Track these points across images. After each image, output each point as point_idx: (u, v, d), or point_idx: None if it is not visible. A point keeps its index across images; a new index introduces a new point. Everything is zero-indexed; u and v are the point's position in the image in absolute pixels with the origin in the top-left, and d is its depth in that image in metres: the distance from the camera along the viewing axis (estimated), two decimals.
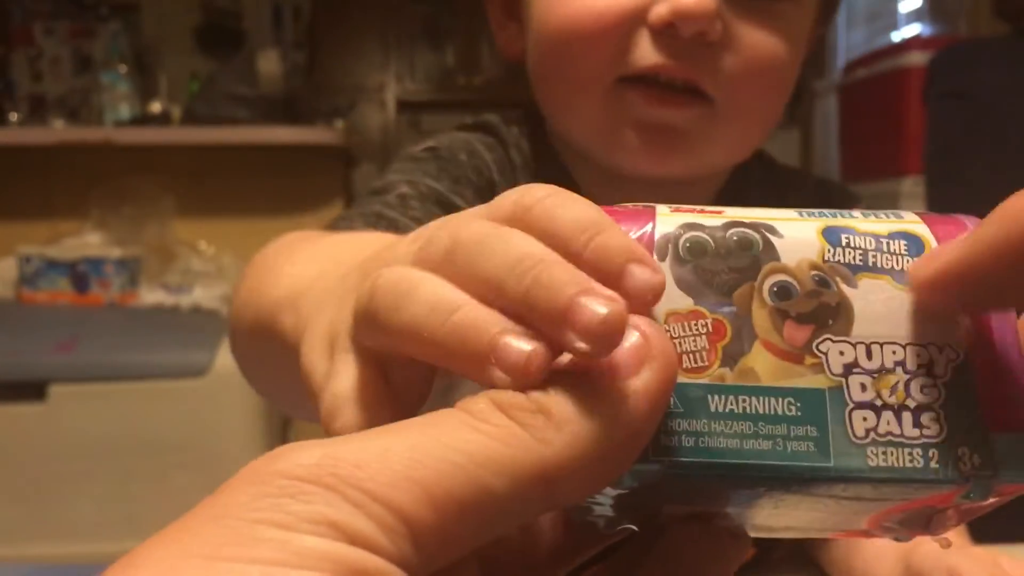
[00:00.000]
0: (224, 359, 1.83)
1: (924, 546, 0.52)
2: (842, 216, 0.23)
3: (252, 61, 2.40)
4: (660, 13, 0.52)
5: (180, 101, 2.60)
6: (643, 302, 0.20)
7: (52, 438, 1.80)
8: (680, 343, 0.21)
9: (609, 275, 0.20)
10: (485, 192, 0.61)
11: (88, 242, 2.20)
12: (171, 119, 2.50)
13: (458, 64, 4.99)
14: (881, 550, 0.56)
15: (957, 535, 0.57)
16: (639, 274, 0.20)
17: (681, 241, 0.23)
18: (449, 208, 0.58)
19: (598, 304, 0.19)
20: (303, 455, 0.17)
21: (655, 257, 0.22)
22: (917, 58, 2.22)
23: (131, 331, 1.97)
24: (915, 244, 0.22)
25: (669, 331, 0.21)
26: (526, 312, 0.20)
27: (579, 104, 0.57)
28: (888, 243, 0.22)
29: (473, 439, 0.17)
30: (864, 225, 0.23)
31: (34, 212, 2.33)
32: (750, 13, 0.55)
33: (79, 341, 1.86)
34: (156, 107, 2.52)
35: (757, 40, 0.55)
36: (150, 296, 2.14)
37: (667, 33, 0.52)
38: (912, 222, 0.23)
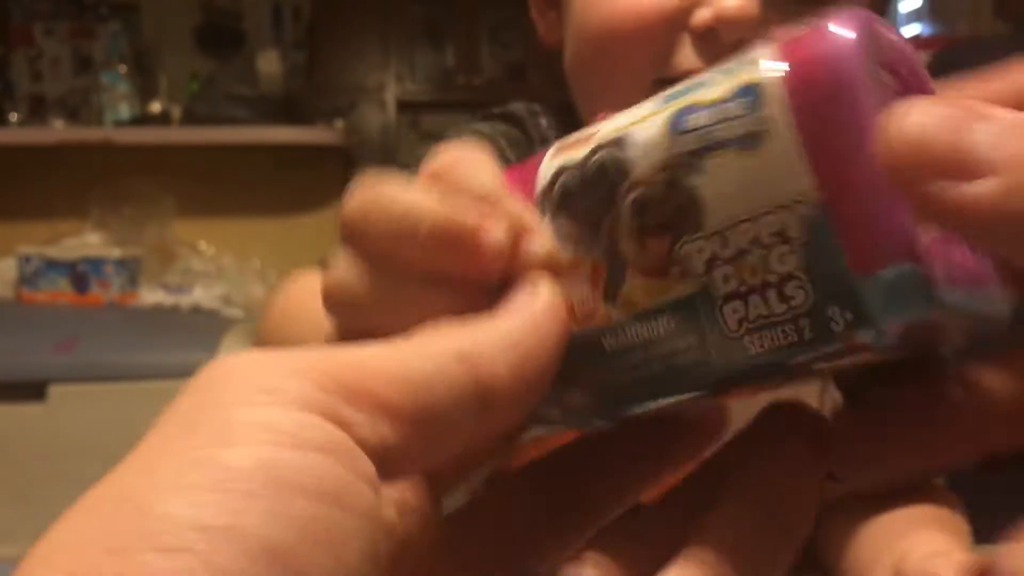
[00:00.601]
0: None
1: (914, 553, 0.52)
2: (692, 91, 0.21)
3: (252, 61, 2.40)
4: (703, 17, 0.51)
5: (180, 101, 2.60)
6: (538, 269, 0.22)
7: (52, 438, 1.80)
8: (571, 295, 0.21)
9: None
10: None
11: (88, 242, 2.20)
12: (171, 119, 2.50)
13: (458, 64, 4.99)
14: (877, 555, 0.56)
15: (951, 539, 0.57)
16: (528, 247, 0.22)
17: (554, 192, 0.22)
18: None
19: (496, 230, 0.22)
20: (242, 354, 0.18)
21: (539, 213, 0.22)
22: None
23: (131, 331, 1.97)
24: (756, 100, 0.19)
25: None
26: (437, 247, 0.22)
27: (614, 103, 0.57)
28: (728, 107, 0.19)
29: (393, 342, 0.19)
30: (711, 92, 0.20)
31: (34, 212, 2.33)
32: (795, 11, 0.53)
33: (79, 341, 1.87)
34: (156, 107, 2.53)
35: None
36: (150, 296, 2.14)
37: (708, 37, 0.51)
38: (761, 58, 0.19)
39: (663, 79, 0.53)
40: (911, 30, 2.65)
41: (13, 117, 2.50)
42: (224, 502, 0.15)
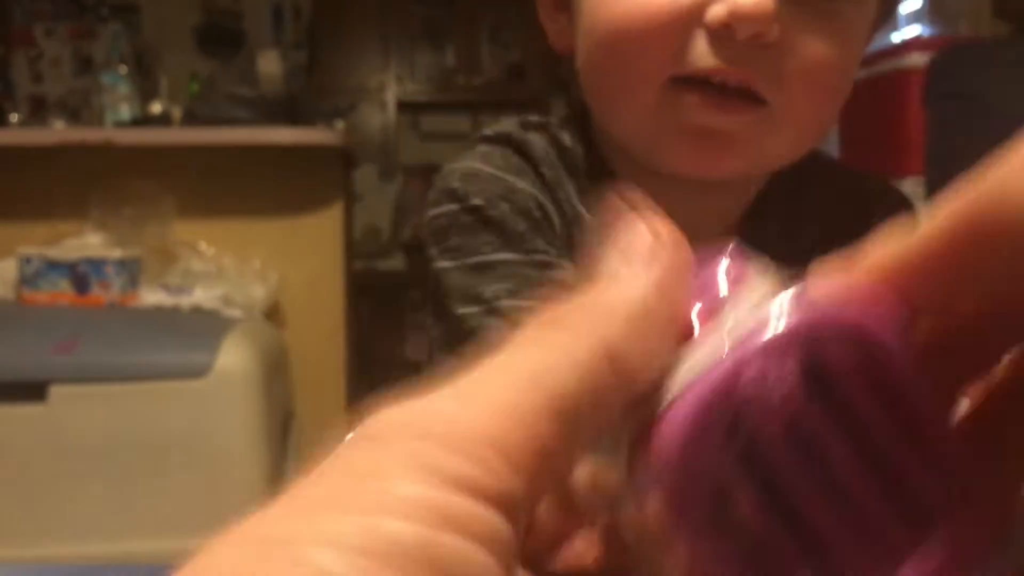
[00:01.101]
0: (224, 360, 1.84)
1: None
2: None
3: (252, 62, 2.41)
4: (717, 14, 0.51)
5: (180, 102, 2.60)
6: None
7: (52, 439, 1.80)
8: None
9: None
10: (543, 224, 0.59)
11: (88, 243, 2.21)
12: (171, 120, 2.50)
13: (458, 64, 5.01)
14: None
15: None
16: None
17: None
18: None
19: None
20: (395, 411, 0.17)
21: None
22: (917, 59, 2.22)
23: (131, 332, 1.97)
24: None
25: None
26: None
27: (629, 104, 0.56)
28: None
29: (535, 355, 0.18)
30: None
31: (34, 213, 2.33)
32: (810, 15, 0.53)
33: (79, 342, 1.87)
34: (156, 108, 2.53)
35: (816, 43, 0.53)
36: (150, 297, 2.14)
37: (723, 34, 0.51)
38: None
39: (678, 77, 0.53)
40: (912, 31, 2.65)
41: (14, 118, 2.51)
42: (381, 572, 0.15)
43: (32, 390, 1.80)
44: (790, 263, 0.63)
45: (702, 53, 0.52)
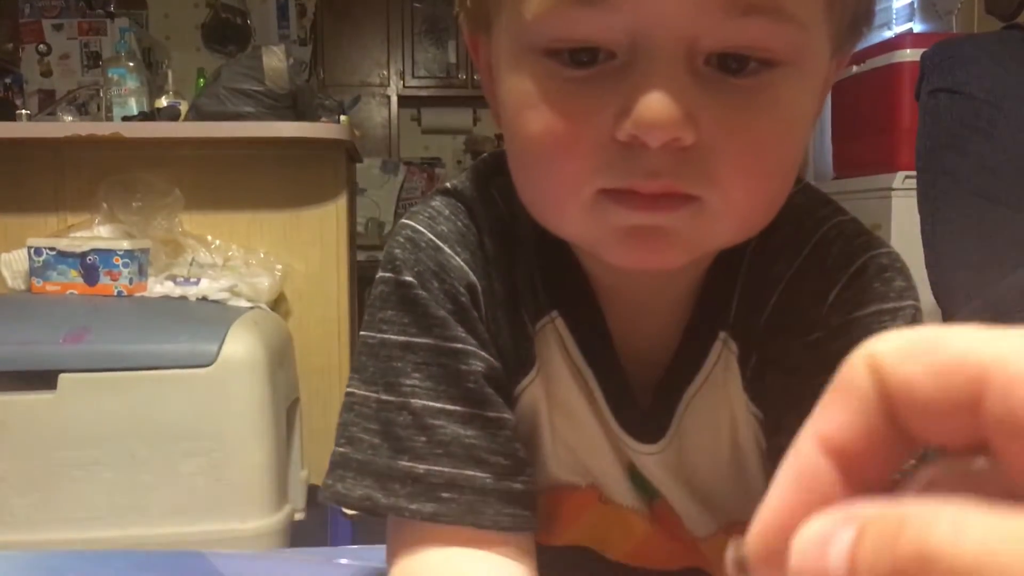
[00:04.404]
0: (230, 349, 1.86)
1: None
2: None
3: (258, 57, 2.43)
4: (625, 129, 0.47)
5: (187, 97, 2.63)
6: None
7: (62, 426, 1.81)
8: None
9: None
10: (467, 309, 0.57)
11: (98, 234, 2.22)
12: (178, 114, 2.53)
13: (459, 60, 5.03)
14: None
15: None
16: None
17: None
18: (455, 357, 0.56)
19: None
20: None
21: None
22: (909, 54, 2.24)
23: (140, 322, 1.98)
24: None
25: None
26: None
27: (560, 213, 0.53)
28: None
29: None
30: None
31: (44, 205, 2.35)
32: (732, 103, 0.47)
33: (89, 331, 1.87)
34: (164, 102, 2.56)
35: (743, 134, 0.48)
36: (158, 287, 2.16)
37: (637, 147, 0.47)
38: None
39: (607, 189, 0.50)
40: (904, 27, 2.68)
41: (24, 112, 2.54)
42: None
43: (42, 379, 1.80)
44: (748, 332, 0.59)
45: (620, 170, 0.48)
